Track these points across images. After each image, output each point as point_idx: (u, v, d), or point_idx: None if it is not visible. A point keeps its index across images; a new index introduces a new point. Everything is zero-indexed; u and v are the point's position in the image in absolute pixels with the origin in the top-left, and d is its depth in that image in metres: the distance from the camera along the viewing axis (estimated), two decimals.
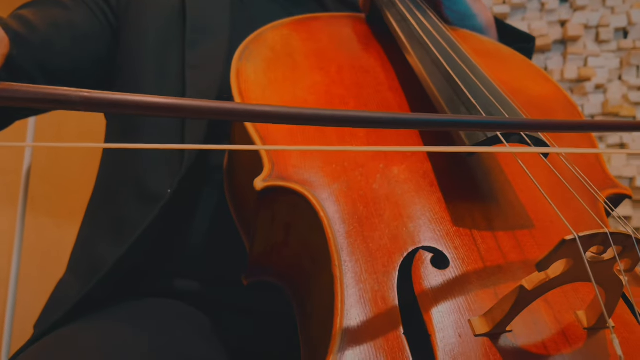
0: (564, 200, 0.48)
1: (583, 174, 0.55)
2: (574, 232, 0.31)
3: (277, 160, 0.46)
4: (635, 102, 1.28)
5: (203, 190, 0.63)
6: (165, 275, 0.61)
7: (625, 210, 1.25)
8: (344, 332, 0.36)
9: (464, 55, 0.54)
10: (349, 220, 0.43)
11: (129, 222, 0.59)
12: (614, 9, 1.33)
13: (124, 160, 0.65)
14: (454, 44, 0.56)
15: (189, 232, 0.62)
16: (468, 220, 0.44)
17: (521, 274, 0.40)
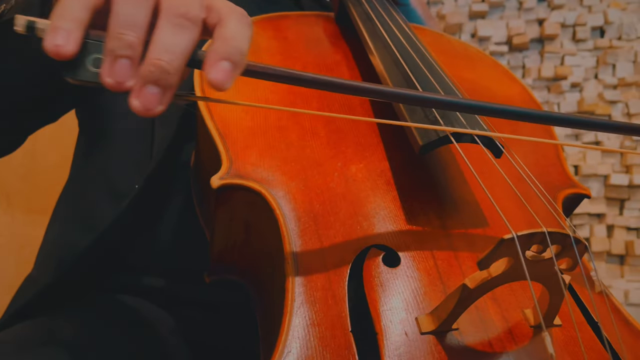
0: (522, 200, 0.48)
1: (543, 173, 0.56)
2: (512, 231, 0.32)
3: (235, 158, 0.47)
4: (611, 101, 1.29)
5: (172, 187, 0.63)
6: (133, 271, 0.61)
7: (599, 208, 1.26)
8: (292, 329, 0.36)
9: (425, 56, 0.55)
10: (304, 219, 0.43)
11: (96, 218, 0.59)
12: (591, 7, 1.34)
13: (94, 158, 0.64)
14: (417, 45, 0.57)
15: (156, 229, 0.62)
16: (422, 218, 0.44)
17: (472, 272, 0.41)
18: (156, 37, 0.31)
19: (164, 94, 0.32)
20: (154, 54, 0.31)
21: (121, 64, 0.31)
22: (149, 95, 0.31)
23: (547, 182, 0.54)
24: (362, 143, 0.50)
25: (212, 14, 0.34)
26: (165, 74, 0.31)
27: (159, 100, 0.32)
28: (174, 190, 0.62)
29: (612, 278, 1.23)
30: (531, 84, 1.34)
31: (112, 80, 0.31)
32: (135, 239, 0.61)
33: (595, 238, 1.25)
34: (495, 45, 1.36)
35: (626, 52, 1.30)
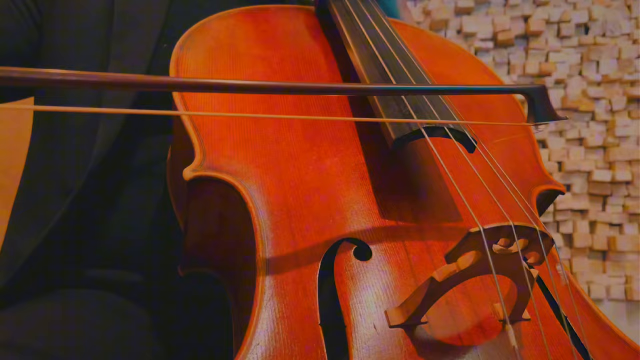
0: (497, 195, 0.48)
1: (519, 169, 0.56)
2: (479, 224, 0.32)
3: (209, 150, 0.46)
4: (594, 97, 1.30)
5: (144, 181, 0.62)
6: (104, 265, 0.61)
7: (582, 204, 1.27)
8: (261, 322, 0.36)
9: (402, 51, 0.54)
10: (277, 212, 0.43)
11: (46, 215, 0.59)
12: (576, 4, 1.35)
13: (45, 156, 0.64)
14: (395, 40, 0.56)
15: (132, 222, 0.61)
16: (395, 212, 0.44)
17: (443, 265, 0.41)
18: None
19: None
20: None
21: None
22: None
23: (523, 178, 0.54)
24: (338, 136, 0.50)
25: None
26: None
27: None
28: (147, 184, 0.62)
29: (594, 273, 1.24)
30: (516, 80, 1.34)
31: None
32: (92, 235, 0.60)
33: (578, 234, 1.27)
34: (480, 41, 1.36)
35: (610, 49, 1.31)
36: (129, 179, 0.63)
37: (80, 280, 0.61)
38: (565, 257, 1.27)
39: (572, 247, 1.27)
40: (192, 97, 0.51)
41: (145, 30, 0.65)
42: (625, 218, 1.26)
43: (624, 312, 1.23)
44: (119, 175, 0.63)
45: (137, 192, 0.63)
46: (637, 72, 1.29)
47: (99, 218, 0.62)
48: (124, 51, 0.63)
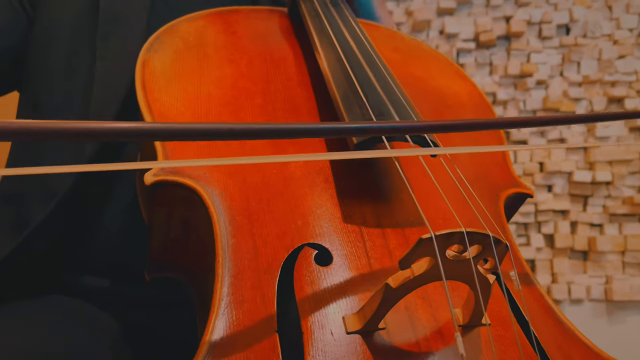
0: (462, 200, 0.48)
1: (487, 173, 0.56)
2: (431, 231, 0.32)
3: (172, 155, 0.46)
4: (575, 98, 1.31)
5: (116, 186, 0.61)
6: (72, 270, 0.60)
7: (563, 204, 1.28)
8: (217, 329, 0.36)
9: (369, 54, 0.54)
10: (239, 217, 0.43)
11: (28, 218, 0.58)
12: (557, 5, 1.35)
13: (29, 155, 0.63)
14: (363, 43, 0.56)
15: (100, 228, 0.61)
16: (358, 217, 0.44)
17: None
18: None
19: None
20: None
21: None
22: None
23: (490, 181, 0.54)
24: (303, 140, 0.49)
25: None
26: None
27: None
28: (119, 189, 0.61)
29: (575, 274, 1.25)
30: (498, 81, 1.35)
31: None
32: (74, 239, 0.60)
33: (560, 234, 1.27)
34: (462, 42, 1.36)
35: (591, 50, 1.32)
36: (115, 183, 0.63)
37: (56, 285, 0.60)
38: (546, 257, 1.27)
39: (554, 248, 1.27)
40: (156, 100, 0.51)
41: (129, 30, 0.64)
42: (605, 218, 1.27)
43: (604, 313, 1.24)
44: (106, 179, 0.62)
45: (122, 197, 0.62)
46: (618, 73, 1.30)
47: (82, 222, 0.61)
48: (109, 51, 0.62)
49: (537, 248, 1.27)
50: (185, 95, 0.52)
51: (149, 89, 0.52)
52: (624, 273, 1.24)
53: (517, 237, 1.29)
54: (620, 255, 1.25)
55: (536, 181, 1.29)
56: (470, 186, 0.51)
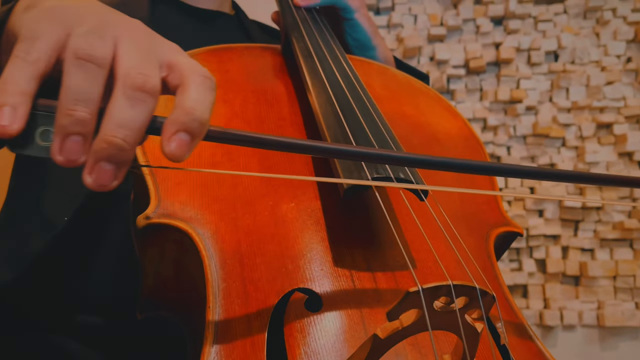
0: (455, 237, 0.49)
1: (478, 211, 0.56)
2: (418, 284, 0.32)
3: (164, 196, 0.46)
4: (565, 124, 1.33)
5: (110, 224, 0.62)
6: (66, 307, 0.60)
7: (554, 229, 1.29)
8: None
9: (360, 97, 0.55)
10: (230, 261, 0.43)
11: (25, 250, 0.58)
12: (545, 32, 1.38)
13: (29, 190, 0.64)
14: (354, 84, 0.57)
15: (93, 265, 0.61)
16: (348, 260, 0.44)
17: None
18: (110, 111, 0.29)
19: (119, 170, 0.30)
20: (108, 130, 0.29)
21: (72, 141, 0.29)
22: (103, 171, 0.29)
23: (481, 219, 0.55)
24: (295, 180, 0.50)
25: (173, 73, 0.32)
26: (120, 151, 0.29)
27: (114, 176, 0.30)
28: (113, 225, 0.62)
29: (567, 299, 1.25)
30: (488, 107, 1.36)
31: (63, 158, 0.29)
32: (65, 273, 0.60)
33: (551, 259, 1.28)
34: (452, 68, 1.38)
35: (579, 76, 1.34)
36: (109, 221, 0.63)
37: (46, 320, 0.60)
38: (538, 282, 1.28)
39: (545, 273, 1.28)
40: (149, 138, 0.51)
41: None
42: (596, 243, 1.28)
43: (597, 339, 1.24)
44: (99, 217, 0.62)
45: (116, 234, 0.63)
46: (606, 99, 1.32)
47: (76, 258, 0.61)
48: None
49: (529, 273, 1.28)
50: None
51: None
52: (616, 298, 1.25)
53: (509, 262, 1.29)
54: (611, 280, 1.25)
55: (527, 206, 1.30)
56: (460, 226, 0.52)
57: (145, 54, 0.32)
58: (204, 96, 0.32)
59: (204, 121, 0.31)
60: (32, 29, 0.31)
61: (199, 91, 0.32)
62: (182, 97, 0.31)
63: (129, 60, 0.31)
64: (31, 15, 0.32)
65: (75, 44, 0.30)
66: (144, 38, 0.33)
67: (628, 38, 1.35)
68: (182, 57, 0.34)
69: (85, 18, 0.32)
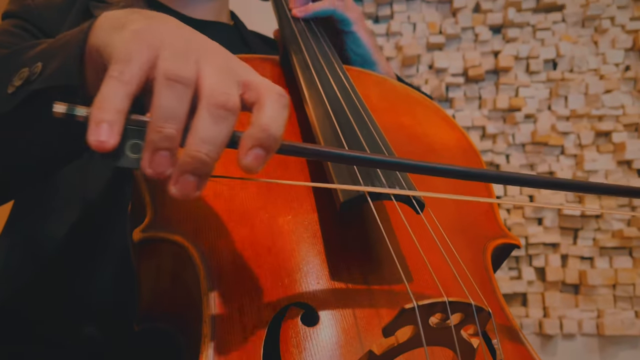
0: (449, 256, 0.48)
1: (475, 223, 0.56)
2: (414, 301, 0.32)
3: (161, 209, 0.46)
4: (563, 132, 1.33)
5: (108, 236, 0.62)
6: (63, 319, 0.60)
7: (553, 237, 1.29)
8: None
9: (356, 108, 0.55)
10: (225, 275, 0.43)
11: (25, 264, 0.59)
12: (544, 41, 1.38)
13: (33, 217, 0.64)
14: (351, 96, 0.57)
15: (91, 277, 0.61)
16: (345, 274, 0.44)
17: None
18: (195, 128, 0.32)
19: (201, 181, 0.33)
20: (193, 146, 0.31)
21: (161, 155, 0.31)
22: (187, 183, 0.32)
23: (478, 232, 0.55)
24: (291, 193, 0.50)
25: (250, 92, 0.35)
26: (203, 164, 0.32)
27: (196, 187, 0.33)
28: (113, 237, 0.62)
29: (567, 308, 1.25)
30: (487, 115, 1.37)
31: (152, 171, 0.32)
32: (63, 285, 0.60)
33: (550, 267, 1.28)
34: (451, 76, 1.38)
35: (577, 84, 1.34)
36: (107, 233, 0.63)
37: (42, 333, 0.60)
38: (537, 290, 1.28)
39: (545, 281, 1.28)
40: None
41: None
42: (596, 252, 1.27)
43: (597, 348, 1.24)
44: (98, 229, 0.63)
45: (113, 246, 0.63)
46: (605, 107, 1.32)
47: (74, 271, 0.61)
48: None
49: (528, 281, 1.28)
50: None
51: None
52: (616, 307, 1.24)
53: (508, 270, 1.29)
54: (611, 289, 1.25)
55: (526, 214, 1.30)
56: (457, 238, 0.51)
57: (225, 74, 0.34)
58: (278, 113, 0.34)
59: (277, 137, 0.34)
60: (124, 50, 0.33)
61: (274, 108, 0.34)
62: (258, 115, 0.33)
63: (212, 81, 0.33)
64: (122, 37, 0.35)
65: (165, 66, 0.32)
66: (223, 59, 0.36)
67: (626, 46, 1.35)
68: (256, 77, 0.36)
69: (172, 41, 0.34)
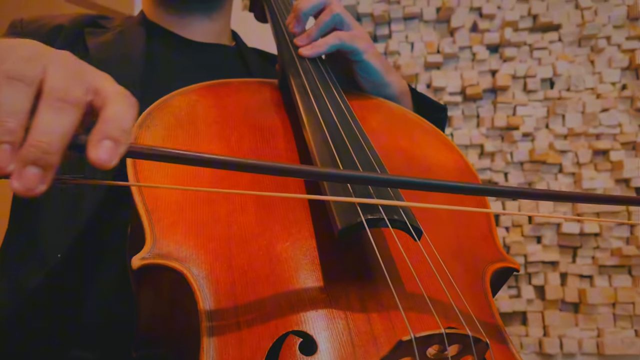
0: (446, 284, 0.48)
1: (474, 246, 0.57)
2: (411, 333, 0.32)
3: (160, 236, 0.46)
4: (561, 150, 1.33)
5: (106, 260, 0.62)
6: (61, 344, 0.60)
7: (552, 256, 1.29)
8: None
9: (354, 134, 0.55)
10: (224, 302, 0.43)
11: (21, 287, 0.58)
12: (541, 60, 1.39)
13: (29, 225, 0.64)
14: (348, 122, 0.58)
15: (89, 301, 0.61)
16: (343, 301, 0.44)
17: None
18: (36, 121, 0.33)
19: (45, 174, 0.33)
20: (34, 137, 0.32)
21: (2, 149, 0.32)
22: (30, 175, 0.32)
23: (477, 255, 0.55)
24: (290, 219, 0.50)
25: (97, 97, 0.36)
26: (45, 154, 0.32)
27: (40, 179, 0.33)
28: (108, 260, 0.62)
29: (567, 327, 1.25)
30: (485, 133, 1.37)
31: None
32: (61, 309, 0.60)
33: (550, 286, 1.27)
34: (449, 95, 1.39)
35: (575, 103, 1.35)
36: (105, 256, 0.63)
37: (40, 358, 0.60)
38: (537, 309, 1.27)
39: (544, 300, 1.27)
40: (146, 179, 0.52)
41: None
42: (595, 270, 1.27)
43: None
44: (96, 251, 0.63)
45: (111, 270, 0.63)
46: (602, 126, 1.33)
47: (72, 294, 0.61)
48: None
49: (527, 300, 1.27)
50: (175, 173, 0.53)
51: (140, 168, 0.53)
52: (616, 326, 1.24)
53: (507, 288, 1.29)
54: (611, 307, 1.25)
55: (525, 232, 1.30)
56: (455, 263, 0.52)
57: (71, 76, 0.35)
58: (124, 108, 0.36)
59: (125, 129, 0.35)
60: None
61: (119, 105, 0.36)
62: (104, 112, 0.35)
63: (55, 80, 0.34)
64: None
65: (7, 67, 0.33)
66: (73, 65, 0.37)
67: (623, 65, 1.36)
68: (108, 84, 0.37)
69: (19, 49, 0.35)
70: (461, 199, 0.61)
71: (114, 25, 0.79)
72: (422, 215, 0.53)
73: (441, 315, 0.41)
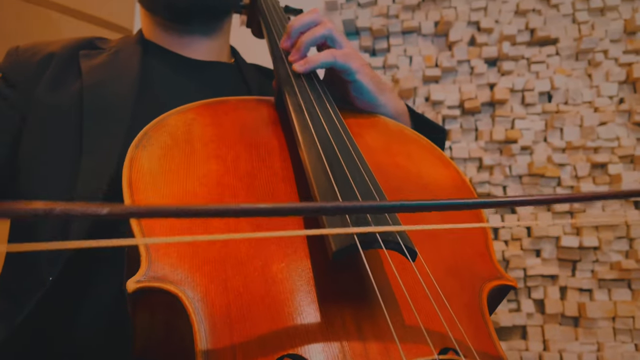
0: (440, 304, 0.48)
1: (470, 264, 0.56)
2: (403, 357, 0.32)
3: (155, 259, 0.46)
4: (560, 164, 1.33)
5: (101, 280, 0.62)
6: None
7: (552, 269, 1.28)
8: None
9: (349, 152, 0.56)
10: (219, 325, 0.43)
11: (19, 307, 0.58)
12: (538, 73, 1.40)
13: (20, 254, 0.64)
14: (343, 140, 0.58)
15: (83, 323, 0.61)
16: (339, 323, 0.44)
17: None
18: None
19: None
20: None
21: None
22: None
23: (473, 273, 0.55)
24: (285, 239, 0.50)
25: None
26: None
27: None
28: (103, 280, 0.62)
29: (567, 341, 1.24)
30: (483, 146, 1.37)
31: None
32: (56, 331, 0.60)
33: (549, 299, 1.27)
34: (448, 108, 1.40)
35: (572, 117, 1.35)
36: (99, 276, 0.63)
37: None
38: (537, 323, 1.27)
39: (544, 314, 1.27)
40: (142, 201, 0.52)
41: (115, 122, 0.66)
42: (594, 284, 1.27)
43: None
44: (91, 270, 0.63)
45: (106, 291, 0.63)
46: (600, 139, 1.33)
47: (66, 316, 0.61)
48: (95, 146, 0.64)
49: (527, 314, 1.27)
50: (171, 193, 0.53)
51: (135, 188, 0.53)
52: (616, 340, 1.23)
53: (507, 302, 1.29)
54: (610, 321, 1.24)
55: (524, 246, 1.30)
56: (452, 282, 0.51)
57: None
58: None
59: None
60: None
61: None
62: None
63: None
64: None
65: None
66: None
67: (620, 79, 1.36)
68: None
69: None
70: (457, 214, 0.61)
71: (110, 46, 0.80)
72: (416, 234, 0.53)
73: (437, 338, 0.41)
